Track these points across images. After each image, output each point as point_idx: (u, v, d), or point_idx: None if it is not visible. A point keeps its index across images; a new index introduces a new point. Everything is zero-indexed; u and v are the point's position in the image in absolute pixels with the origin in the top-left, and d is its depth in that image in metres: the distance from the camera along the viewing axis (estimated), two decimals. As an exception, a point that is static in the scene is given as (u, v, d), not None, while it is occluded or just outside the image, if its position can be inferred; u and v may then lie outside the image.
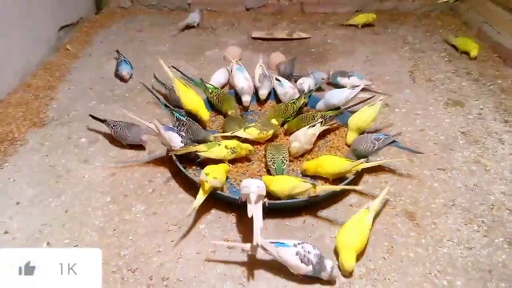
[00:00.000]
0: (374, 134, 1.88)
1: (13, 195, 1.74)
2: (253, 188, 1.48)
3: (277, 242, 1.40)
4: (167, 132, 1.80)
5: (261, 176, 1.82)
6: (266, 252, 1.40)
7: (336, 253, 1.48)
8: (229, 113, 2.14)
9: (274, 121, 2.03)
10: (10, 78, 2.42)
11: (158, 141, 1.95)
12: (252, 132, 1.94)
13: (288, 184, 1.61)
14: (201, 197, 1.57)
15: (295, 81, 2.41)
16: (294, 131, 1.96)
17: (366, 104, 2.05)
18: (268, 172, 1.83)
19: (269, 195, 1.64)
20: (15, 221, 1.62)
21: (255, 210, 1.45)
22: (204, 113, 2.09)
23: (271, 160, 1.79)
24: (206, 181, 1.56)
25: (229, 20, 3.55)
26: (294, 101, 2.12)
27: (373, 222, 1.55)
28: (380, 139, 1.82)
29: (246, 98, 2.25)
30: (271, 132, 1.98)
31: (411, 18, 3.60)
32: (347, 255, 1.42)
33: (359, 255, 1.48)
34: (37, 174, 1.85)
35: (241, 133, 1.93)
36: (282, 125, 2.11)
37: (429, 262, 1.48)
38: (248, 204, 1.46)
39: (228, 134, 1.94)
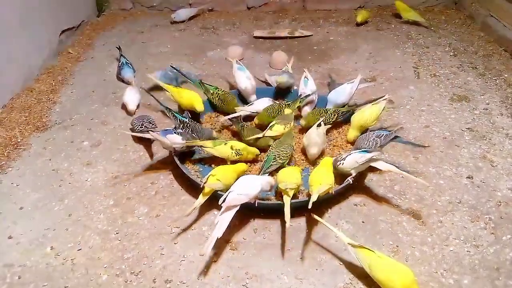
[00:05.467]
0: (376, 131, 1.85)
1: (16, 199, 1.74)
2: (231, 195, 1.48)
3: None
4: (167, 136, 1.80)
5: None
6: None
7: None
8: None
9: (288, 110, 2.05)
10: (13, 83, 2.43)
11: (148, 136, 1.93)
12: (278, 129, 1.95)
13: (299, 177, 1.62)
14: (201, 198, 1.56)
15: None
16: (311, 126, 1.94)
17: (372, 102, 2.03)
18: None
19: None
20: (19, 226, 1.62)
21: (222, 218, 1.44)
22: (199, 105, 2.09)
23: (267, 153, 1.82)
24: (205, 184, 1.56)
25: (230, 19, 3.54)
26: (289, 104, 2.10)
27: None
28: (382, 135, 1.79)
29: (253, 98, 2.26)
30: (292, 123, 2.00)
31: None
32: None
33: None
34: (40, 179, 1.86)
35: (269, 133, 1.93)
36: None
37: (435, 261, 1.46)
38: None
39: (260, 136, 1.92)
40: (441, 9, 3.61)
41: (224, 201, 1.49)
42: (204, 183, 1.58)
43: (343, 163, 1.68)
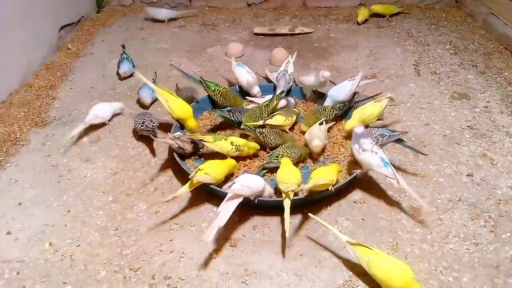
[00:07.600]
0: (380, 129, 1.83)
1: (15, 195, 1.74)
2: (235, 185, 1.49)
3: None
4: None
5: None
6: None
7: None
8: (244, 106, 2.19)
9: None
10: (12, 78, 2.42)
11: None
12: (278, 120, 1.99)
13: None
14: (185, 189, 1.57)
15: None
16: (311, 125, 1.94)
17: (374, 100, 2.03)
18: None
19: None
20: (17, 222, 1.62)
21: (225, 208, 1.44)
22: (193, 123, 2.00)
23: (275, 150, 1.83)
24: (192, 176, 1.57)
25: (230, 16, 3.53)
26: (267, 104, 2.07)
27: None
28: (385, 135, 1.77)
29: (256, 90, 2.26)
30: (294, 118, 2.04)
31: (415, 11, 3.56)
32: None
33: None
34: (39, 174, 1.85)
35: (269, 121, 1.97)
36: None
37: (434, 258, 1.46)
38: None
39: (261, 123, 1.95)
40: (442, 6, 3.61)
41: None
42: (192, 176, 1.57)
43: (360, 152, 1.63)
